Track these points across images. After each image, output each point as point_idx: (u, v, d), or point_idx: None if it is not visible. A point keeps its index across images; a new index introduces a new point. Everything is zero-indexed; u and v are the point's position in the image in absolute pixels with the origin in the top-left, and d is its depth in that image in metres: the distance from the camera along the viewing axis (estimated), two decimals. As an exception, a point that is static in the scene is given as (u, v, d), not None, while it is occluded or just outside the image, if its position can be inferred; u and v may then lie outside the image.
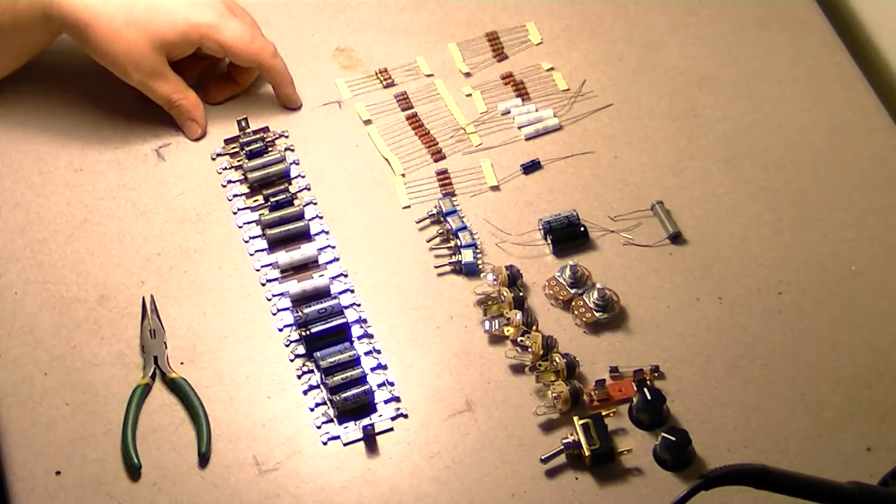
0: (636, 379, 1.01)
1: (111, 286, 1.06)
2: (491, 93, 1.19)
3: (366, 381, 1.00)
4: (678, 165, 1.15)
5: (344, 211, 1.11)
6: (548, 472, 0.97)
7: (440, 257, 1.09)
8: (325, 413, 1.00)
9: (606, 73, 1.21)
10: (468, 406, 1.01)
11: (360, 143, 1.16)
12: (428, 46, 1.22)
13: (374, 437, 0.99)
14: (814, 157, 1.15)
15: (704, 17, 1.25)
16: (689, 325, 1.05)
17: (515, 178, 1.14)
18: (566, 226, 1.09)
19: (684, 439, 0.97)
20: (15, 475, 0.97)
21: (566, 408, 0.99)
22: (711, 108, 1.19)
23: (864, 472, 0.95)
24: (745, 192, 1.13)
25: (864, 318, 1.06)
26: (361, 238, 1.09)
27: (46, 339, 1.03)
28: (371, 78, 1.20)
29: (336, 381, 1.00)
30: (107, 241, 1.08)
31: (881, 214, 1.12)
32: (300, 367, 1.02)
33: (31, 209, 1.10)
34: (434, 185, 1.13)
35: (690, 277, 1.08)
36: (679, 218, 1.11)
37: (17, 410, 1.00)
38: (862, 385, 1.02)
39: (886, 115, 1.18)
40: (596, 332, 1.05)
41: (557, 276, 1.07)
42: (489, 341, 1.04)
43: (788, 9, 1.25)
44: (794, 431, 0.99)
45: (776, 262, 1.09)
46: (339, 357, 1.01)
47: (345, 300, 1.05)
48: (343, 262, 1.08)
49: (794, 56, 1.22)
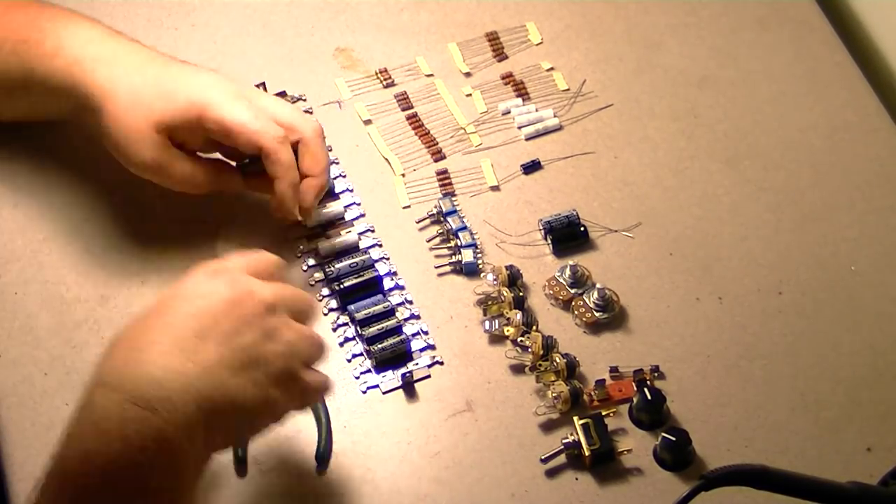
0: (636, 379, 1.01)
1: (111, 286, 1.06)
2: (491, 93, 1.19)
3: (401, 330, 1.03)
4: (678, 165, 1.15)
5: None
6: (548, 472, 0.97)
7: (440, 257, 1.09)
8: (361, 364, 1.03)
9: (606, 73, 1.21)
10: (468, 406, 1.01)
11: (360, 143, 1.16)
12: (428, 46, 1.22)
13: (412, 385, 1.01)
14: (814, 157, 1.15)
15: (704, 17, 1.25)
16: (689, 325, 1.05)
17: (515, 178, 1.14)
18: (566, 226, 1.09)
19: (684, 439, 0.97)
20: (15, 475, 0.97)
21: (566, 408, 0.99)
22: (711, 108, 1.19)
23: (864, 472, 0.95)
24: (745, 192, 1.13)
25: (864, 318, 1.06)
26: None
27: (46, 339, 1.03)
28: (371, 78, 1.20)
29: (372, 331, 1.02)
30: (107, 240, 1.08)
31: (881, 214, 1.12)
32: (334, 320, 1.04)
33: (31, 209, 1.10)
34: (434, 185, 1.13)
35: (690, 277, 1.08)
36: (679, 218, 1.11)
37: (17, 410, 1.00)
38: (862, 385, 1.02)
39: (886, 115, 1.18)
40: (596, 332, 1.05)
41: (557, 276, 1.07)
42: (489, 341, 1.04)
43: (788, 9, 1.25)
44: (794, 431, 1.00)
45: (776, 262, 1.09)
46: (374, 309, 1.04)
47: (374, 254, 1.07)
48: (368, 218, 1.11)
49: (794, 56, 1.22)
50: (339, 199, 1.11)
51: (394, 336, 1.03)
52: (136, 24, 1.23)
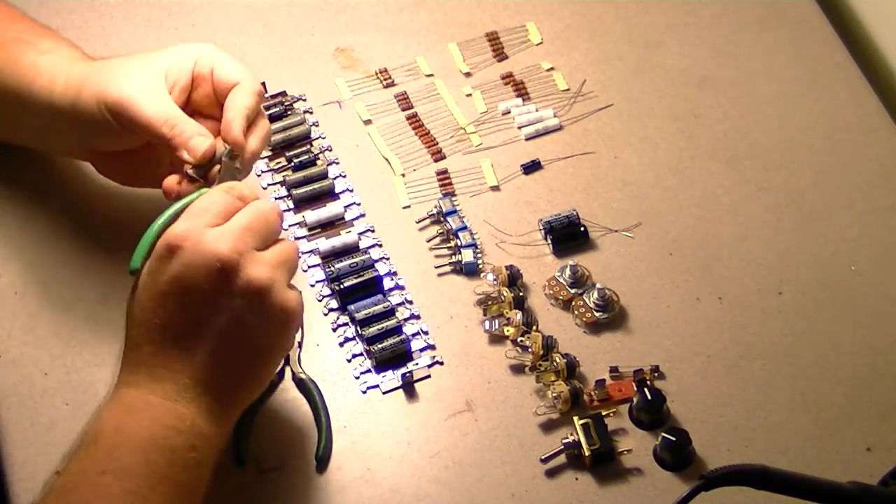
0: (636, 379, 1.01)
1: (111, 286, 1.06)
2: (491, 93, 1.19)
3: (401, 330, 1.03)
4: (678, 165, 1.15)
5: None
6: (548, 472, 0.97)
7: (440, 257, 1.09)
8: (361, 364, 1.03)
9: (606, 73, 1.21)
10: (468, 406, 1.01)
11: (360, 143, 1.16)
12: (428, 46, 1.22)
13: (412, 385, 1.01)
14: (814, 157, 1.15)
15: (704, 17, 1.25)
16: (689, 325, 1.05)
17: (515, 178, 1.14)
18: (566, 226, 1.09)
19: (684, 439, 0.97)
20: (15, 475, 0.97)
21: (566, 408, 0.99)
22: (711, 108, 1.19)
23: (864, 472, 0.95)
24: (745, 192, 1.13)
25: (864, 318, 1.06)
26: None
27: (46, 339, 1.03)
28: (371, 78, 1.20)
29: (372, 331, 1.03)
30: (107, 240, 1.08)
31: (881, 214, 1.12)
32: (335, 320, 1.04)
33: (31, 209, 1.10)
34: (434, 185, 1.13)
35: (690, 277, 1.08)
36: (679, 218, 1.11)
37: (17, 410, 1.00)
38: (862, 385, 1.02)
39: (886, 115, 1.18)
40: (596, 332, 1.05)
41: (557, 276, 1.07)
42: (489, 341, 1.04)
43: (788, 9, 1.25)
44: (794, 431, 0.99)
45: (776, 262, 1.09)
46: (374, 309, 1.04)
47: (374, 254, 1.08)
48: (368, 218, 1.11)
49: (794, 56, 1.22)
50: (339, 199, 1.11)
51: (394, 336, 1.03)
52: (136, 24, 1.23)
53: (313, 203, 1.11)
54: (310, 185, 1.11)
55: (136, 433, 0.84)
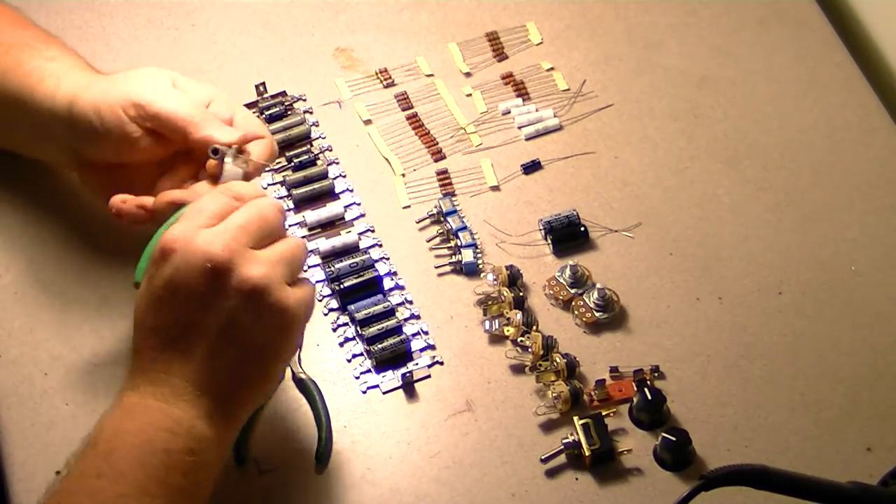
0: (636, 379, 1.01)
1: (111, 286, 1.06)
2: (491, 93, 1.19)
3: (401, 330, 1.03)
4: (678, 165, 1.15)
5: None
6: (548, 472, 0.97)
7: (440, 257, 1.09)
8: (361, 364, 1.03)
9: (606, 73, 1.21)
10: (468, 406, 1.01)
11: (360, 143, 1.16)
12: (428, 46, 1.22)
13: (412, 385, 1.01)
14: (814, 157, 1.15)
15: (704, 17, 1.25)
16: (689, 325, 1.05)
17: (515, 178, 1.14)
18: (566, 226, 1.09)
19: (684, 439, 0.97)
20: (15, 475, 0.97)
21: (566, 408, 0.99)
22: (711, 108, 1.19)
23: (864, 472, 0.95)
24: (745, 192, 1.13)
25: (864, 318, 1.06)
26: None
27: (46, 339, 1.03)
28: (371, 78, 1.20)
29: (372, 331, 1.03)
30: (107, 240, 1.08)
31: (881, 214, 1.12)
32: (335, 320, 1.04)
33: (31, 210, 1.10)
34: (434, 185, 1.13)
35: (690, 277, 1.08)
36: (679, 218, 1.11)
37: (17, 410, 1.00)
38: (862, 385, 1.02)
39: (886, 115, 1.18)
40: (596, 332, 1.05)
41: (557, 276, 1.07)
42: (489, 341, 1.04)
43: (788, 9, 1.25)
44: (794, 431, 0.99)
45: (776, 262, 1.09)
46: (374, 309, 1.04)
47: (374, 254, 1.08)
48: (368, 218, 1.11)
49: (794, 56, 1.22)
50: (340, 199, 1.11)
51: (394, 336, 1.03)
52: (136, 24, 1.23)
53: (313, 203, 1.11)
54: (310, 185, 1.11)
55: (132, 436, 0.84)
